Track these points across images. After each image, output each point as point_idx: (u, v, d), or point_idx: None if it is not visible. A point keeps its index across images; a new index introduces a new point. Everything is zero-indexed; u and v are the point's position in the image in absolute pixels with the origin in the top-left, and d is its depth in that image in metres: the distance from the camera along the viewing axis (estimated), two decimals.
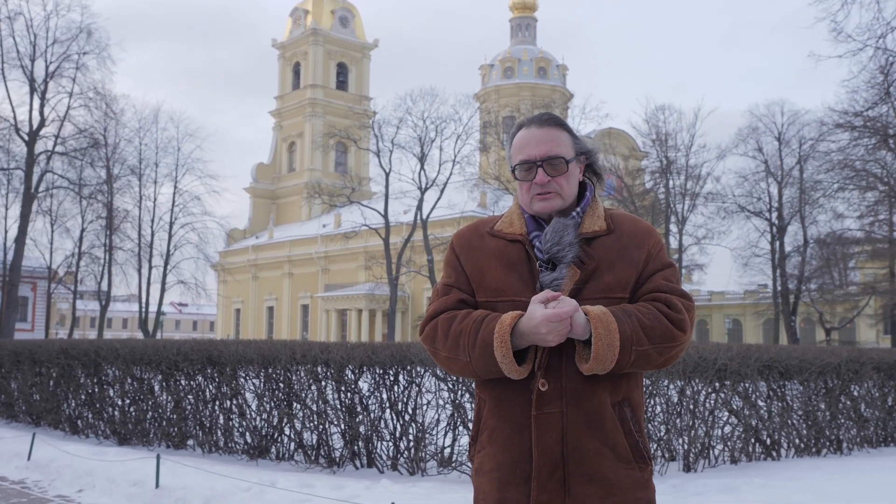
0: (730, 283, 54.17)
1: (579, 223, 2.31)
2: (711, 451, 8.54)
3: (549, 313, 2.09)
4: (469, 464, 7.81)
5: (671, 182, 45.77)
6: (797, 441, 9.33)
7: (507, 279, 2.28)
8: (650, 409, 8.19)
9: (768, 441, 9.06)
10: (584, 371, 2.15)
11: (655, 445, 8.16)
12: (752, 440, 8.91)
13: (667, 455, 8.29)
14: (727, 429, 8.80)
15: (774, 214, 45.06)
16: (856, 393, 9.99)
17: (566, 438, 2.16)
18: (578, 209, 2.34)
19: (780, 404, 9.18)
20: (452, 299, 2.34)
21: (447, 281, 2.40)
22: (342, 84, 78.75)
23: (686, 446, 8.29)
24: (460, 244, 2.42)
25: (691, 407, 8.35)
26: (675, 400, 8.31)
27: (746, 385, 8.81)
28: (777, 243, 44.79)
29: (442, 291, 2.39)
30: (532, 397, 2.19)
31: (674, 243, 46.17)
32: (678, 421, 8.27)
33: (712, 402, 8.57)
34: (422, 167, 47.53)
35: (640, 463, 2.22)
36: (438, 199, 47.18)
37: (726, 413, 8.75)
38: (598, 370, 2.14)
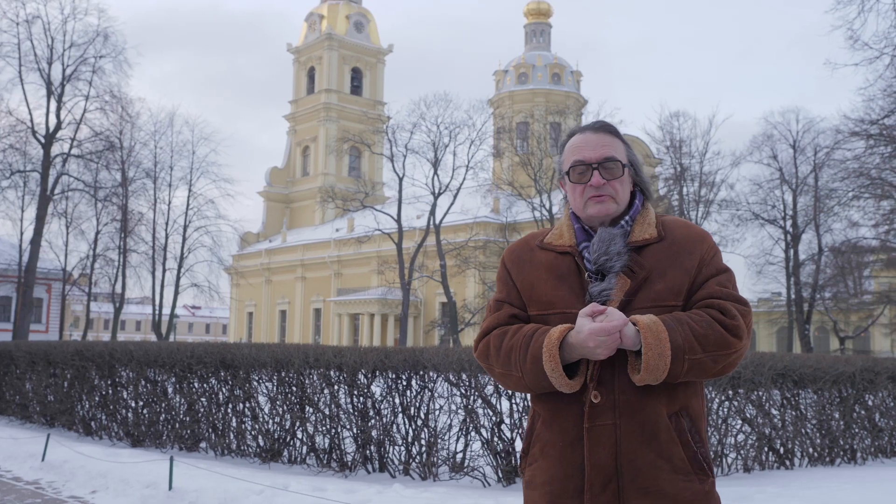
0: (743, 291, 53.20)
1: (629, 231, 2.28)
2: (724, 460, 8.50)
3: (595, 327, 2.06)
4: (480, 470, 7.86)
5: (685, 189, 45.61)
6: (811, 450, 9.28)
7: (557, 292, 2.26)
8: None
9: (782, 450, 9.01)
10: (636, 382, 2.11)
11: None
12: (766, 449, 8.87)
13: None
14: (740, 437, 8.76)
15: (789, 222, 44.82)
16: (870, 402, 9.93)
17: (620, 451, 2.12)
18: (627, 217, 2.31)
19: (793, 413, 9.14)
20: (504, 315, 2.32)
21: (499, 297, 2.38)
22: (356, 89, 78.90)
23: None
24: (511, 259, 2.40)
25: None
26: None
27: (760, 393, 8.77)
28: (791, 251, 44.55)
29: (494, 307, 2.38)
30: (584, 410, 2.16)
31: None
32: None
33: (725, 410, 8.54)
34: (435, 172, 47.63)
35: (699, 475, 2.15)
36: (451, 204, 47.16)
37: (739, 421, 8.72)
38: (650, 381, 2.10)
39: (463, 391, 7.96)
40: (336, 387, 8.65)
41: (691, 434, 2.18)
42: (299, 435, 9.03)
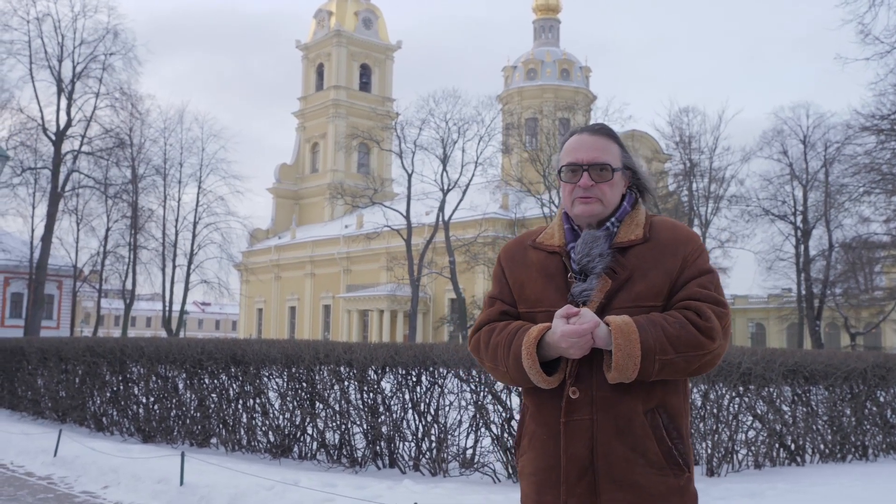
0: (753, 287, 53.64)
1: (614, 233, 2.35)
2: (735, 456, 8.49)
3: (567, 329, 2.16)
4: (491, 466, 7.87)
5: (694, 185, 45.45)
6: (822, 446, 9.25)
7: (544, 290, 2.35)
8: None
9: (793, 446, 8.99)
10: (609, 380, 2.19)
11: None
12: (777, 445, 8.85)
13: None
14: (751, 433, 8.74)
15: (799, 218, 44.63)
16: (882, 399, 9.89)
17: (595, 444, 2.20)
18: (613, 219, 2.37)
19: (804, 409, 9.11)
20: (495, 311, 2.44)
21: (492, 293, 2.50)
22: (365, 85, 78.92)
23: (709, 450, 8.25)
24: (506, 257, 2.50)
25: (715, 411, 8.31)
26: (699, 404, 8.27)
27: (771, 389, 8.75)
28: (802, 247, 44.36)
29: (487, 304, 2.49)
30: (562, 404, 2.24)
31: None
32: (702, 425, 8.23)
33: (736, 406, 8.52)
34: (444, 169, 47.58)
35: (674, 469, 2.22)
36: (460, 200, 47.14)
37: (750, 417, 8.70)
38: (621, 379, 2.17)
39: (473, 387, 7.96)
40: (346, 383, 8.66)
41: (667, 430, 2.24)
42: (310, 431, 9.05)
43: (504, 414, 7.83)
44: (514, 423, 7.81)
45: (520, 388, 2.58)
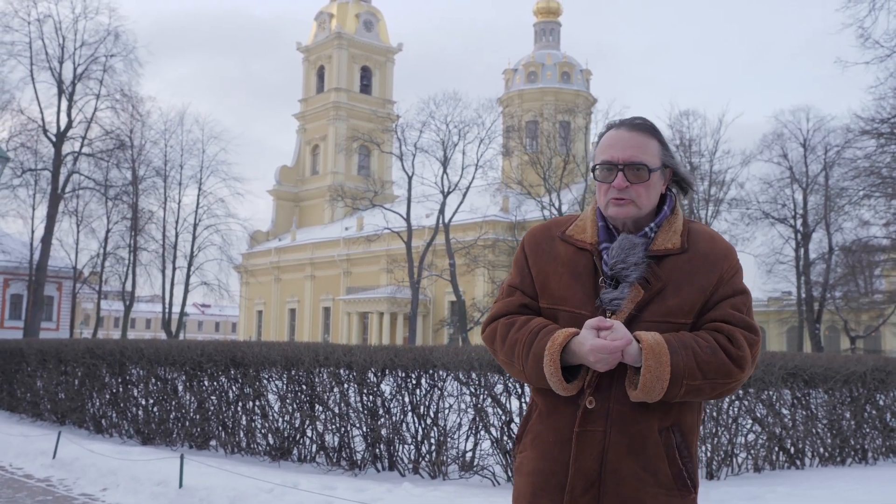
0: (753, 290, 52.82)
1: (652, 239, 2.23)
2: (734, 459, 8.48)
3: (598, 344, 2.05)
4: (490, 469, 7.86)
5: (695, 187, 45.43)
6: (821, 450, 9.25)
7: (571, 288, 2.23)
8: None
9: (792, 450, 8.99)
10: (631, 398, 2.11)
11: None
12: (776, 448, 8.84)
13: None
14: (751, 437, 8.74)
15: (799, 221, 44.64)
16: (881, 402, 9.88)
17: (606, 459, 2.12)
18: (653, 224, 2.25)
19: (804, 413, 9.11)
20: (515, 303, 2.31)
21: (513, 282, 2.36)
22: (366, 88, 78.94)
23: (709, 454, 8.25)
24: (531, 245, 2.36)
25: (714, 414, 8.30)
26: None
27: (770, 393, 8.75)
28: (802, 250, 44.37)
29: (507, 292, 2.36)
30: (578, 413, 2.16)
31: None
32: (701, 428, 8.21)
33: (736, 409, 8.52)
34: (444, 171, 47.64)
35: (682, 491, 2.15)
36: (461, 203, 47.17)
37: (750, 421, 8.70)
38: (645, 399, 2.09)
39: (472, 390, 7.96)
40: (346, 385, 8.66)
41: (679, 449, 2.17)
42: (309, 433, 9.04)
43: (504, 417, 7.83)
44: (514, 427, 7.80)
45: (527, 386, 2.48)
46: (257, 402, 9.40)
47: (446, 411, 8.16)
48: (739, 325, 2.16)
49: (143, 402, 11.08)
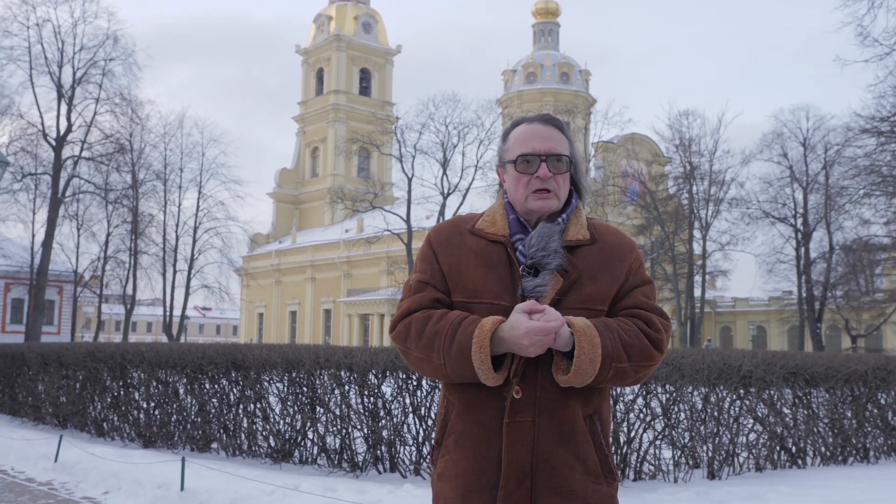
0: (754, 290, 53.66)
1: (564, 230, 2.25)
2: (736, 459, 8.48)
3: (534, 326, 2.03)
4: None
5: (695, 187, 45.50)
6: (823, 449, 9.25)
7: (486, 281, 2.21)
8: (674, 416, 8.15)
9: (794, 449, 8.98)
10: (561, 383, 2.11)
11: (680, 452, 8.11)
12: (778, 448, 8.84)
13: (691, 462, 8.24)
14: (752, 436, 8.73)
15: (799, 220, 44.69)
16: (883, 401, 9.88)
17: (536, 449, 2.11)
18: (564, 215, 2.28)
19: (805, 412, 9.10)
20: (427, 297, 2.25)
21: (422, 277, 2.30)
22: (365, 90, 78.98)
23: (710, 453, 8.24)
24: (438, 240, 2.32)
25: (716, 414, 8.30)
26: (700, 407, 8.26)
27: (771, 392, 8.74)
28: (802, 249, 44.41)
29: (416, 288, 2.29)
30: (505, 405, 2.13)
31: (697, 249, 45.92)
32: (702, 428, 8.22)
33: (737, 409, 8.51)
34: (444, 172, 47.62)
35: (608, 478, 2.18)
36: (461, 204, 47.20)
37: (751, 420, 8.69)
38: (575, 383, 2.09)
39: None
40: (347, 387, 8.66)
41: (602, 437, 2.19)
42: (310, 435, 9.04)
43: None
44: None
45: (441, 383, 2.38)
46: (258, 405, 9.40)
47: None
48: (653, 311, 2.23)
49: (145, 406, 11.08)
